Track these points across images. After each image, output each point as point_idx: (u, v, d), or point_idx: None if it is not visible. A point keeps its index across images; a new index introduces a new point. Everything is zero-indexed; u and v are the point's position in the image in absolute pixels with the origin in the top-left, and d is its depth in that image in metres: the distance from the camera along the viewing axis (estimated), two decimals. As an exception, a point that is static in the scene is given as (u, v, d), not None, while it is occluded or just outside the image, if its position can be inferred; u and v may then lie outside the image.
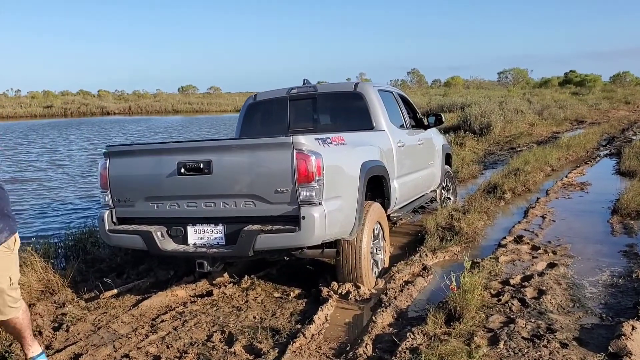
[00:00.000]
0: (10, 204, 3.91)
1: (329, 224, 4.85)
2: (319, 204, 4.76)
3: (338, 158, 5.12)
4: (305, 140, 4.73)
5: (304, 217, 4.67)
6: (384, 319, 4.67)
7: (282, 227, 4.79)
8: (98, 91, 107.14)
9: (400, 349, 4.04)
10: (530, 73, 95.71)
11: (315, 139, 4.89)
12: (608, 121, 26.73)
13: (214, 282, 5.90)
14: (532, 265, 5.97)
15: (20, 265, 5.69)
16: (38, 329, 4.80)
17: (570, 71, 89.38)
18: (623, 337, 4.00)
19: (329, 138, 5.11)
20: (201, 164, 4.89)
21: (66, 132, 37.29)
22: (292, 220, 4.75)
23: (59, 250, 6.73)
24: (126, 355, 4.28)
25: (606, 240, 6.93)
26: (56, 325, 4.94)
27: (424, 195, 8.16)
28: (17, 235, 3.88)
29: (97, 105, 75.12)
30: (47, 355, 4.29)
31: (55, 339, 4.65)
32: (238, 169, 4.91)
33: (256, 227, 4.84)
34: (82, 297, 5.66)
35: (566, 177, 11.47)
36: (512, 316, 4.58)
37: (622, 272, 5.63)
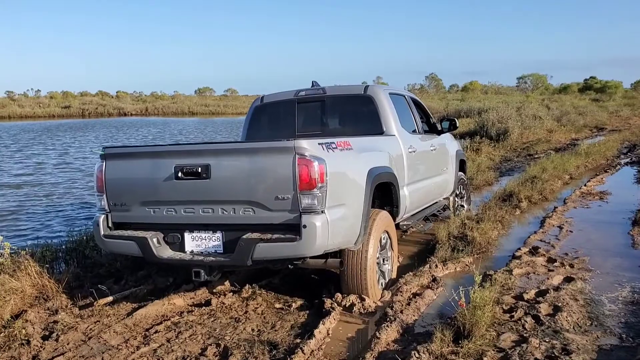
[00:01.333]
0: None
1: (332, 233, 4.69)
2: (322, 212, 4.60)
3: (343, 164, 4.97)
4: (308, 145, 4.57)
5: (305, 226, 4.52)
6: (389, 335, 4.51)
7: (282, 236, 4.65)
8: (117, 92, 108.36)
9: None
10: (549, 79, 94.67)
11: (319, 144, 4.73)
12: (629, 128, 26.39)
13: (214, 290, 5.77)
14: (548, 279, 5.77)
15: (14, 270, 5.65)
16: (27, 338, 4.70)
17: (591, 77, 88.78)
18: None
19: (333, 143, 4.95)
20: (199, 168, 4.77)
21: (79, 133, 37.61)
22: (293, 229, 4.61)
23: (59, 255, 6.63)
24: None
25: (627, 253, 6.71)
26: (47, 333, 4.84)
27: (436, 202, 8.00)
28: None
29: (114, 106, 75.99)
30: None
31: (44, 348, 4.55)
32: (237, 174, 4.78)
33: (255, 235, 4.71)
34: (76, 303, 5.57)
35: (585, 185, 11.25)
36: (525, 335, 4.40)
37: None
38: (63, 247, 6.69)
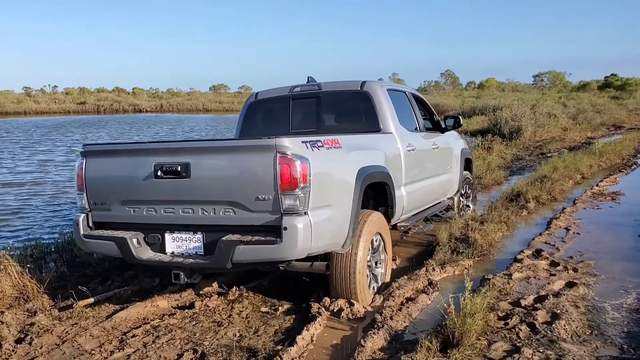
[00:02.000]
0: None
1: (316, 236, 4.56)
2: (304, 213, 4.47)
3: (329, 163, 4.86)
4: (290, 143, 4.44)
5: (285, 228, 4.39)
6: (375, 343, 4.36)
7: (263, 239, 4.54)
8: (133, 89, 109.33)
9: None
10: (568, 76, 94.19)
11: (302, 142, 4.59)
12: (647, 127, 26.01)
13: (200, 292, 5.68)
14: (549, 284, 5.61)
15: None
16: (0, 340, 4.60)
17: (611, 74, 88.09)
18: None
19: (320, 141, 4.82)
20: (178, 167, 4.69)
21: (92, 130, 37.95)
22: (274, 231, 4.49)
23: (47, 254, 6.55)
24: None
25: (636, 257, 6.53)
26: (22, 336, 4.77)
27: (439, 203, 7.87)
28: None
29: (129, 103, 76.90)
30: None
31: (15, 352, 4.47)
32: (217, 173, 4.70)
33: (235, 237, 4.61)
34: (57, 305, 5.49)
35: (597, 185, 11.06)
36: (518, 344, 4.25)
37: None
38: (52, 246, 6.60)
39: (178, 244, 4.94)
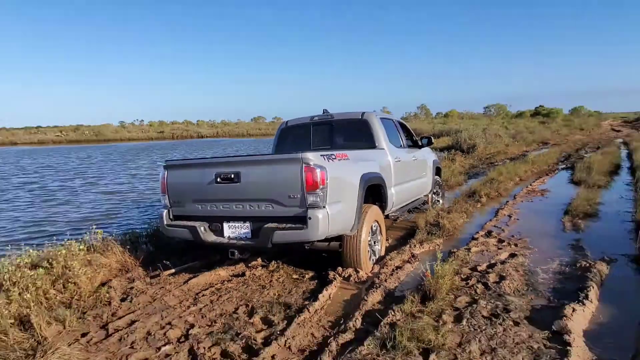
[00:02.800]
0: None
1: (332, 223, 4.52)
2: (323, 207, 4.44)
3: (340, 171, 4.77)
4: (312, 157, 4.42)
5: (310, 218, 4.37)
6: (374, 298, 4.36)
7: (293, 225, 4.51)
8: (197, 121, 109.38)
9: (382, 323, 3.74)
10: (509, 107, 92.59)
11: (321, 155, 4.56)
12: (566, 143, 25.63)
13: (249, 264, 5.61)
14: (497, 255, 5.53)
15: (104, 251, 5.58)
16: (108, 300, 4.61)
17: (540, 105, 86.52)
18: (565, 318, 3.74)
19: (333, 155, 4.77)
20: (232, 175, 4.67)
21: (168, 151, 37.89)
22: (301, 220, 4.46)
23: (140, 238, 6.52)
24: (169, 323, 4.05)
25: (558, 236, 6.41)
26: (124, 297, 4.75)
27: (417, 199, 7.73)
28: None
29: (194, 131, 76.70)
30: (112, 322, 4.07)
31: (120, 308, 4.48)
32: (260, 179, 4.63)
33: (274, 224, 4.58)
34: (148, 274, 5.47)
35: (530, 185, 10.84)
36: (475, 297, 4.25)
37: (569, 262, 5.17)
38: (143, 233, 6.60)
39: (233, 230, 4.90)
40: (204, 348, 3.53)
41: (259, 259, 5.76)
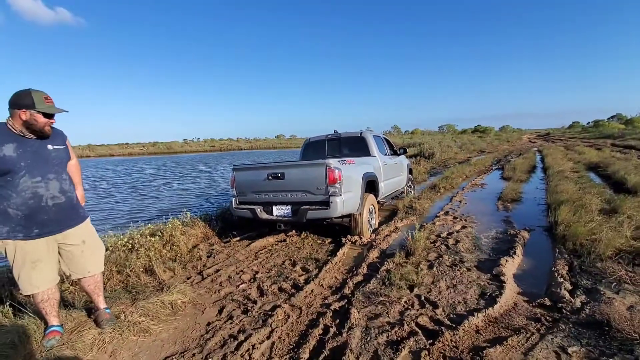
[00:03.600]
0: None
1: (345, 206, 4.71)
2: (340, 195, 4.64)
3: (350, 171, 4.97)
4: (332, 162, 4.64)
5: (331, 202, 4.57)
6: (374, 255, 4.55)
7: (320, 207, 4.68)
8: (237, 138, 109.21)
9: (380, 269, 3.94)
10: (457, 126, 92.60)
11: (338, 161, 4.78)
12: (497, 151, 25.54)
13: (287, 234, 5.79)
14: (453, 227, 5.68)
15: (191, 225, 5.78)
16: (199, 257, 4.81)
17: (478, 125, 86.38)
18: (500, 266, 3.89)
19: (345, 160, 4.99)
20: (279, 174, 4.85)
21: (221, 160, 38.08)
22: (326, 204, 4.64)
23: (213, 218, 6.73)
24: (241, 271, 4.26)
25: (494, 214, 6.53)
26: (208, 254, 4.95)
27: (397, 190, 7.81)
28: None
29: (235, 145, 76.72)
30: (204, 270, 4.30)
31: (208, 261, 4.67)
32: (298, 177, 4.79)
33: (307, 207, 4.75)
34: (222, 241, 5.66)
35: (473, 180, 10.88)
36: (441, 254, 4.41)
37: (502, 231, 5.33)
38: (214, 215, 6.81)
39: (279, 211, 5.02)
40: (267, 285, 3.78)
41: (294, 231, 5.93)
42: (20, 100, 2.36)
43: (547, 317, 2.89)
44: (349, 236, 5.29)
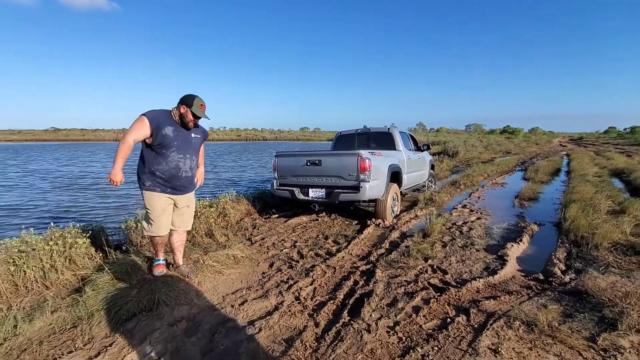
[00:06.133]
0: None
1: (372, 191, 5.16)
2: (368, 181, 5.10)
3: (378, 162, 5.39)
4: (364, 153, 5.10)
5: (361, 187, 5.03)
6: (395, 235, 5.03)
7: (351, 191, 5.13)
8: (262, 129, 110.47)
9: (400, 245, 4.48)
10: (484, 126, 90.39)
11: (369, 152, 5.24)
12: (524, 153, 25.29)
13: (319, 215, 6.29)
14: (469, 218, 6.04)
15: (237, 203, 6.49)
16: (246, 227, 5.44)
17: (507, 125, 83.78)
18: (506, 249, 4.34)
19: (374, 152, 5.43)
20: (317, 161, 5.32)
21: (253, 150, 38.75)
22: (356, 188, 5.10)
23: (255, 198, 7.15)
24: (282, 240, 4.89)
25: (509, 210, 6.82)
26: (253, 227, 5.56)
27: (419, 183, 8.06)
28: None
29: (260, 136, 77.98)
30: (252, 237, 4.96)
31: (253, 233, 5.28)
32: (333, 164, 5.23)
33: (340, 190, 5.22)
34: (262, 217, 6.23)
35: (495, 179, 11.13)
36: (454, 237, 4.86)
37: (514, 223, 5.67)
38: (254, 196, 7.36)
39: (314, 193, 5.41)
40: (305, 251, 4.44)
41: (324, 212, 6.35)
42: (186, 99, 3.09)
43: (538, 287, 3.51)
44: (373, 219, 5.74)
